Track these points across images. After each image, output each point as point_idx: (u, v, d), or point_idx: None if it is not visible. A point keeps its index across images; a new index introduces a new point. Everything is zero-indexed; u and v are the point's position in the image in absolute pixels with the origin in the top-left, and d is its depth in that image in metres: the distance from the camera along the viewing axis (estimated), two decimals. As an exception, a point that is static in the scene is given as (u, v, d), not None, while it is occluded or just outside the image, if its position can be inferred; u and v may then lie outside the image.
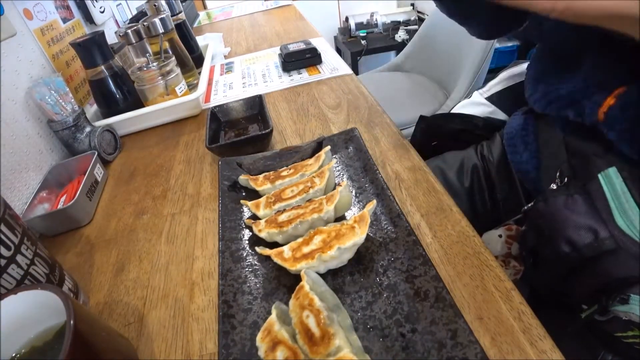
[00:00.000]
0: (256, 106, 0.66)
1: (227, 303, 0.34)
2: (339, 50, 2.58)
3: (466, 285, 0.34)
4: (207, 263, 0.42)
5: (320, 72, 0.83)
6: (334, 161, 0.45)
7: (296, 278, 0.35)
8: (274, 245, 0.39)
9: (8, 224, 0.33)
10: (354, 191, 0.45)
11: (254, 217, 0.43)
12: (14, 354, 0.29)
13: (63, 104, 0.64)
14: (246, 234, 0.43)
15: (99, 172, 0.60)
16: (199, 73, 0.88)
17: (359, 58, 2.35)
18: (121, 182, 0.61)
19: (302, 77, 0.82)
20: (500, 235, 0.52)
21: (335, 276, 0.36)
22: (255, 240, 0.41)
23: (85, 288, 0.43)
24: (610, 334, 0.38)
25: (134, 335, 0.37)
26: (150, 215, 0.52)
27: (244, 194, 0.48)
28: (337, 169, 0.49)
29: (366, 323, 0.32)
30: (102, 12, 0.98)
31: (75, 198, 0.51)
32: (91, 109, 0.78)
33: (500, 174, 0.60)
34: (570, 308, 0.42)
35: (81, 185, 0.53)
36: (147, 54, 0.80)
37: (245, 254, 0.40)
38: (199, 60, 0.95)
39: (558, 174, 0.44)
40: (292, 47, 0.87)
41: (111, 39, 0.84)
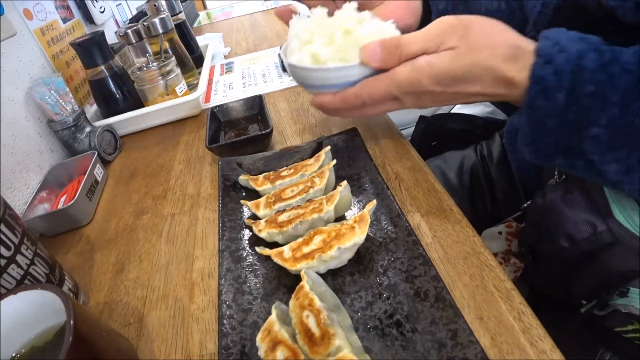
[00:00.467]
0: (256, 106, 0.66)
1: (227, 303, 0.34)
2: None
3: (466, 285, 0.34)
4: (207, 263, 0.42)
5: (320, 72, 0.83)
6: (334, 161, 0.45)
7: (296, 278, 0.35)
8: (274, 245, 0.39)
9: (8, 224, 0.33)
10: (354, 191, 0.45)
11: (254, 217, 0.43)
12: (14, 354, 0.29)
13: (63, 104, 0.64)
14: (246, 234, 0.43)
15: (99, 172, 0.60)
16: (199, 73, 0.88)
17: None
18: (121, 182, 0.61)
19: (302, 77, 0.82)
20: (500, 233, 0.52)
21: (335, 276, 0.36)
22: (255, 240, 0.41)
23: (85, 288, 0.43)
24: (610, 330, 0.38)
25: (134, 335, 0.37)
26: (150, 215, 0.52)
27: (244, 194, 0.48)
28: (337, 169, 0.49)
29: (366, 323, 0.32)
30: (102, 12, 0.98)
31: (75, 198, 0.51)
32: (91, 109, 0.78)
33: (500, 174, 0.61)
34: (569, 307, 0.42)
35: (81, 185, 0.53)
36: (147, 54, 0.80)
37: (245, 254, 0.40)
38: (199, 60, 0.95)
39: (557, 171, 0.44)
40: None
41: (111, 39, 0.84)
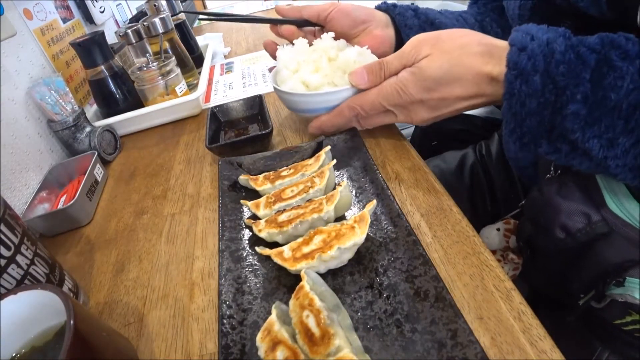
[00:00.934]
0: (256, 106, 0.66)
1: (227, 303, 0.34)
2: (339, 50, 2.57)
3: (466, 285, 0.34)
4: (207, 263, 0.42)
5: (320, 72, 0.83)
6: (334, 161, 0.45)
7: (296, 278, 0.35)
8: (274, 245, 0.39)
9: (8, 224, 0.33)
10: (354, 191, 0.45)
11: (254, 217, 0.43)
12: (14, 354, 0.29)
13: (63, 104, 0.64)
14: (246, 233, 0.43)
15: (99, 172, 0.60)
16: (199, 73, 0.88)
17: (359, 58, 2.34)
18: (121, 182, 0.61)
19: (302, 77, 0.82)
20: (498, 229, 0.52)
21: (335, 276, 0.36)
22: (255, 240, 0.41)
23: (85, 288, 0.43)
24: (608, 323, 0.38)
25: (134, 335, 0.37)
26: (150, 215, 0.52)
27: (244, 193, 0.48)
28: (337, 169, 0.49)
29: (366, 323, 0.32)
30: (102, 12, 0.98)
31: (75, 198, 0.51)
32: (91, 109, 0.78)
33: (499, 173, 0.61)
34: (568, 305, 0.42)
35: (81, 185, 0.53)
36: (147, 54, 0.80)
37: (245, 254, 0.40)
38: (199, 60, 0.95)
39: (552, 166, 0.44)
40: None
41: (111, 39, 0.84)
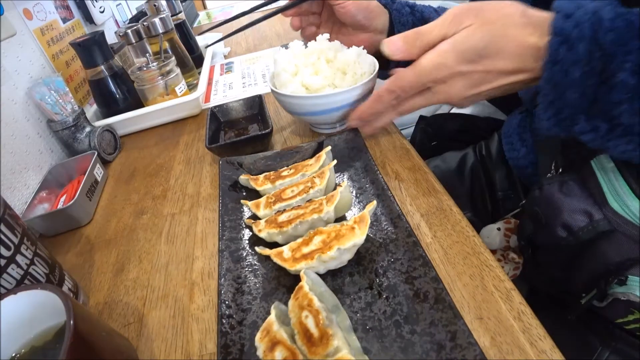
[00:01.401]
0: (256, 106, 0.66)
1: (227, 303, 0.35)
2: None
3: (466, 285, 0.34)
4: (207, 263, 0.42)
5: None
6: (335, 161, 0.45)
7: (296, 278, 0.35)
8: (273, 245, 0.39)
9: (8, 224, 0.33)
10: (354, 192, 0.45)
11: (254, 217, 0.43)
12: (14, 354, 0.29)
13: (63, 104, 0.64)
14: (246, 234, 0.43)
15: (98, 172, 0.60)
16: (199, 73, 0.88)
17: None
18: (121, 182, 0.61)
19: (302, 77, 0.82)
20: (499, 229, 0.52)
21: (335, 277, 0.36)
22: (255, 240, 0.41)
23: (85, 288, 0.43)
24: (610, 322, 0.38)
25: (134, 335, 0.37)
26: (150, 215, 0.52)
27: (244, 193, 0.48)
28: (337, 169, 0.49)
29: (365, 324, 0.32)
30: (102, 12, 0.98)
31: (75, 198, 0.51)
32: (91, 109, 0.78)
33: (499, 173, 0.61)
34: (569, 305, 0.42)
35: (81, 185, 0.53)
36: (147, 54, 0.80)
37: (245, 254, 0.40)
38: (199, 60, 0.95)
39: (553, 165, 0.44)
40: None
41: (111, 39, 0.84)
